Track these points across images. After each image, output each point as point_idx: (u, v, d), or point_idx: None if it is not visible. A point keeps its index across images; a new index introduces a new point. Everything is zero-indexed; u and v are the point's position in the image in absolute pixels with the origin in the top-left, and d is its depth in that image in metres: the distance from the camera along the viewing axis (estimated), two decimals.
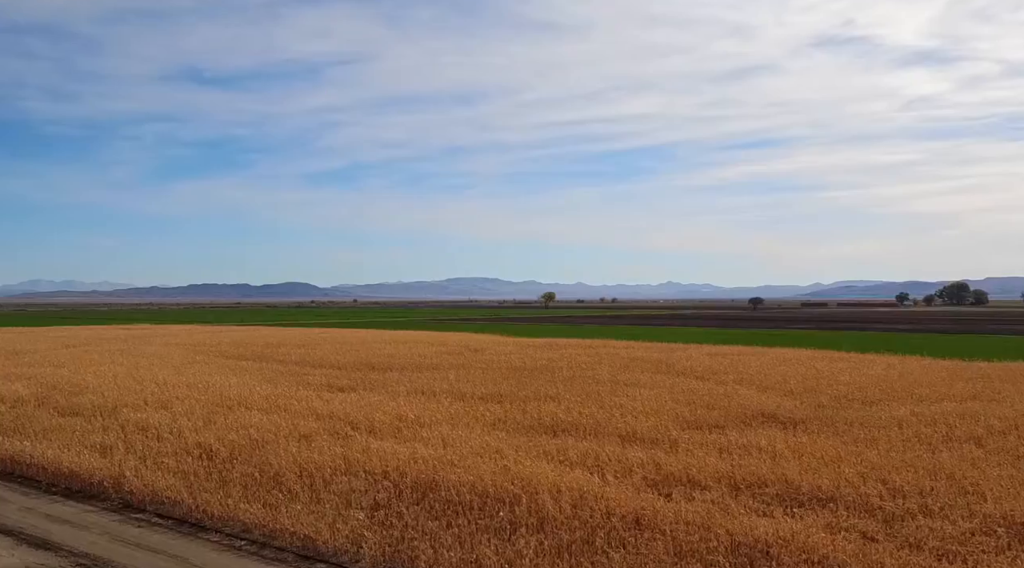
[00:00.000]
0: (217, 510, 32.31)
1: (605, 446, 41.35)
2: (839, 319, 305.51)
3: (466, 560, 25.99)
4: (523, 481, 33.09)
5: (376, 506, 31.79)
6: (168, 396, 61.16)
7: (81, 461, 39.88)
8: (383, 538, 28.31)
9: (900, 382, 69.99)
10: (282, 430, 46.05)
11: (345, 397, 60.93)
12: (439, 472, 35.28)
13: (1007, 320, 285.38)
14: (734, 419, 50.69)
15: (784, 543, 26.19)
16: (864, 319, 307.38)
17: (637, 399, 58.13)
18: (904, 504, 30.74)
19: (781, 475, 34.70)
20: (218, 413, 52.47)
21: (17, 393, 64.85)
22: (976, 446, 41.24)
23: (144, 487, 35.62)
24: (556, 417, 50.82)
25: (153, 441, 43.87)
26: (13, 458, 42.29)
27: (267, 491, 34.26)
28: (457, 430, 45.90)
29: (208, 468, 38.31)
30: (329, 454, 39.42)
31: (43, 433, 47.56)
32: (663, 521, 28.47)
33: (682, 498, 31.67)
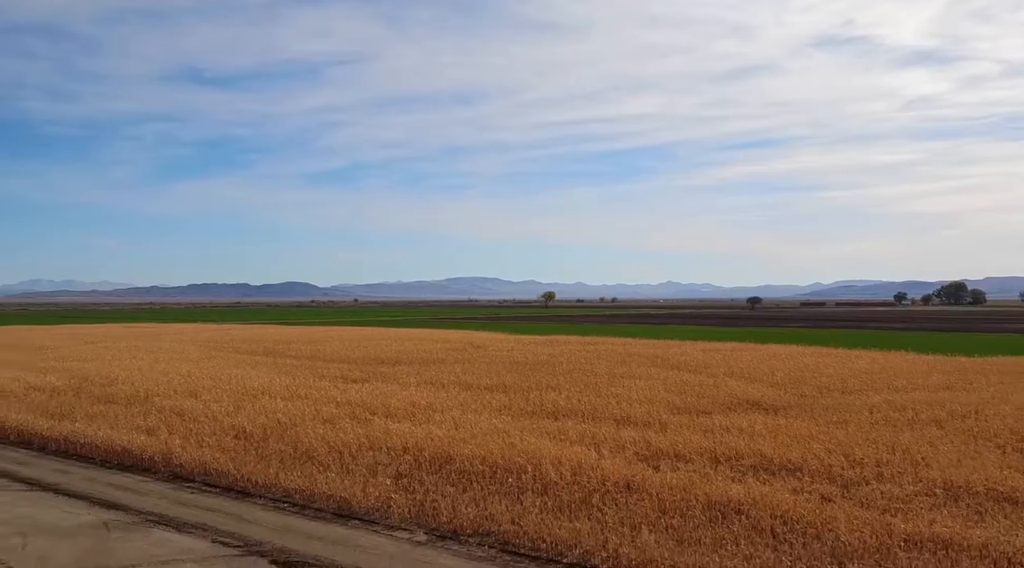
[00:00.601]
0: (260, 479, 36.77)
1: (601, 428, 45.81)
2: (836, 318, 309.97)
3: (481, 515, 30.43)
4: (528, 455, 37.55)
5: (399, 475, 36.25)
6: (195, 386, 65.59)
7: (131, 440, 44.36)
8: (408, 500, 32.78)
9: (880, 375, 74.36)
10: (307, 415, 50.52)
11: (360, 387, 65.37)
12: (453, 448, 39.74)
13: (1001, 319, 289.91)
14: (720, 406, 55.12)
15: (753, 502, 30.64)
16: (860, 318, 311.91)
17: (632, 389, 62.58)
18: (861, 472, 35.25)
19: (757, 450, 39.17)
20: (245, 400, 56.90)
21: (53, 384, 69.33)
22: (936, 427, 45.67)
23: (192, 461, 40.07)
24: (557, 404, 55.29)
25: (191, 424, 48.28)
26: (67, 438, 46.72)
27: (301, 464, 38.72)
28: (466, 415, 50.35)
29: (246, 446, 42.76)
30: (353, 434, 43.86)
31: (88, 417, 52.04)
32: (650, 486, 32.94)
33: (668, 469, 36.12)
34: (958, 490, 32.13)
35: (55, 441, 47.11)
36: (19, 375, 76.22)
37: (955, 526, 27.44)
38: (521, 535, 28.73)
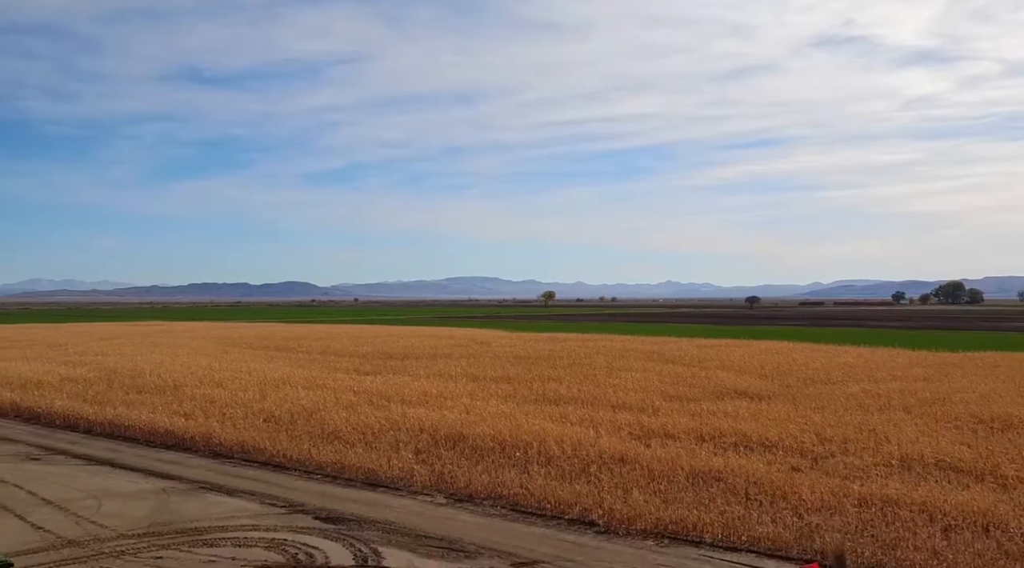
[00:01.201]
0: (294, 454, 41.24)
1: (599, 412, 50.27)
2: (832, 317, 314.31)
3: (493, 482, 34.89)
4: (533, 434, 42.04)
5: (418, 451, 40.71)
6: (219, 378, 70.03)
7: (172, 422, 48.83)
8: (428, 470, 37.25)
9: (864, 368, 78.79)
10: (328, 402, 54.95)
11: (373, 379, 69.84)
12: (465, 428, 44.21)
13: (995, 318, 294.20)
14: (710, 394, 59.53)
15: (731, 471, 35.08)
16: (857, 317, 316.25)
17: (628, 380, 67.05)
18: (829, 448, 39.73)
19: (738, 430, 43.62)
20: (269, 390, 61.35)
21: (84, 376, 73.79)
22: (904, 412, 50.14)
23: (230, 440, 44.53)
24: (558, 393, 59.77)
25: (223, 409, 52.71)
26: (111, 422, 51.17)
27: (329, 442, 43.16)
28: (475, 402, 54.79)
29: (276, 427, 47.21)
30: (373, 417, 48.30)
31: (127, 404, 56.48)
32: (642, 458, 37.41)
33: (658, 445, 40.56)
34: (911, 461, 36.61)
35: (100, 424, 51.53)
36: (50, 368, 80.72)
37: (903, 488, 31.88)
38: (528, 497, 33.17)
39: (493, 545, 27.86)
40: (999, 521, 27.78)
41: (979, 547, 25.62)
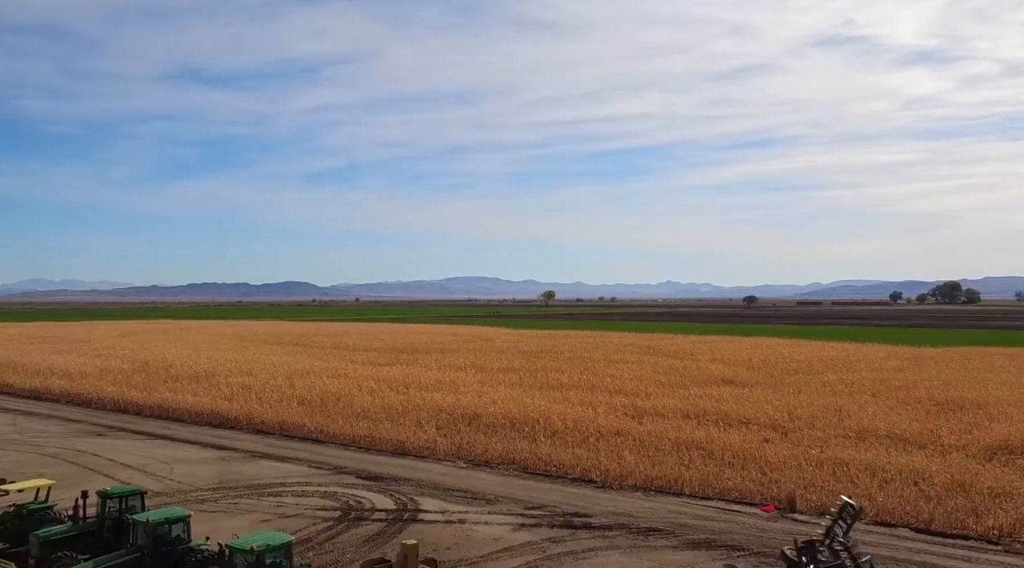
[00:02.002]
0: (330, 430, 47.03)
1: (597, 396, 56.02)
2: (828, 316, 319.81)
3: (506, 450, 40.69)
4: (539, 412, 47.84)
5: (439, 426, 46.47)
6: (247, 368, 75.78)
7: (216, 404, 54.61)
8: (449, 442, 43.03)
9: (844, 360, 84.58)
10: (352, 388, 60.69)
11: (389, 369, 75.54)
12: (479, 408, 49.99)
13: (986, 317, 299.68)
14: (699, 382, 65.20)
15: (710, 442, 40.88)
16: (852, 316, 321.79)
17: (625, 370, 72.85)
18: (797, 424, 45.53)
19: (721, 410, 49.40)
20: (296, 378, 67.00)
21: (120, 367, 79.52)
22: (871, 396, 55.87)
23: (271, 418, 50.32)
24: (560, 381, 65.54)
25: (258, 394, 58.45)
26: (159, 405, 56.91)
27: (359, 420, 48.88)
28: (485, 388, 60.57)
29: (310, 409, 52.94)
30: (395, 399, 54.09)
31: (170, 390, 62.23)
32: (634, 432, 43.21)
33: (649, 422, 46.36)
34: (866, 433, 42.42)
35: (149, 407, 57.24)
36: (86, 361, 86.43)
37: (854, 453, 37.68)
38: (536, 461, 38.97)
39: (509, 495, 33.63)
40: (927, 476, 33.57)
41: (906, 493, 31.43)
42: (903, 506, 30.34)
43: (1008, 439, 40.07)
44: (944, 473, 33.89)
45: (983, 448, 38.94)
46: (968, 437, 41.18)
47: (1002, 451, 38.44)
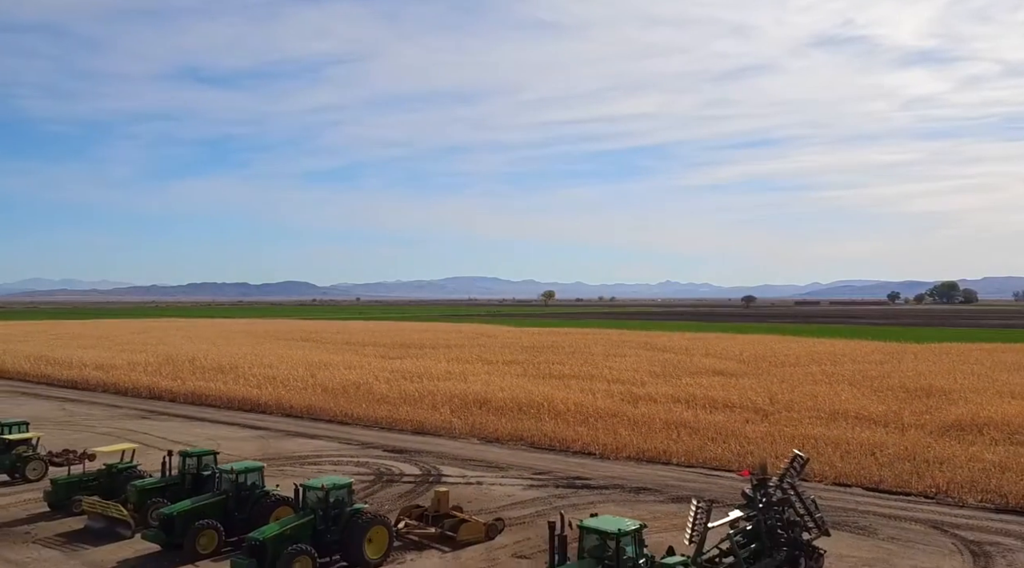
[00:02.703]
0: (354, 412, 51.95)
1: (596, 384, 60.94)
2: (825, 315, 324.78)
3: (514, 429, 45.64)
4: (543, 397, 52.78)
5: (453, 409, 51.37)
6: (267, 361, 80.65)
7: (246, 392, 59.54)
8: (463, 422, 47.96)
9: (830, 354, 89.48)
10: (369, 377, 65.60)
11: (400, 362, 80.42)
12: (488, 394, 54.93)
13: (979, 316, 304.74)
14: (690, 373, 70.09)
15: (697, 422, 45.81)
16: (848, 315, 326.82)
17: (622, 363, 77.79)
18: (777, 407, 50.43)
19: (709, 396, 54.32)
20: (315, 369, 71.91)
21: (146, 360, 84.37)
22: (847, 384, 60.77)
23: (299, 403, 55.22)
24: (562, 371, 70.50)
25: (283, 383, 63.35)
26: (192, 392, 61.81)
27: (380, 404, 53.79)
28: (492, 377, 65.50)
29: (333, 395, 57.83)
30: (410, 387, 59.01)
31: (199, 380, 67.07)
32: (629, 413, 48.15)
33: (642, 405, 51.29)
34: (837, 415, 47.38)
35: (182, 394, 62.11)
36: (112, 355, 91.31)
37: (823, 431, 42.60)
38: (542, 437, 43.91)
39: (519, 464, 38.57)
40: (883, 448, 38.52)
41: (862, 461, 36.39)
42: (858, 471, 35.29)
43: (961, 419, 45.00)
44: (898, 445, 38.85)
45: (938, 426, 43.88)
46: (927, 417, 46.12)
47: (954, 429, 43.35)
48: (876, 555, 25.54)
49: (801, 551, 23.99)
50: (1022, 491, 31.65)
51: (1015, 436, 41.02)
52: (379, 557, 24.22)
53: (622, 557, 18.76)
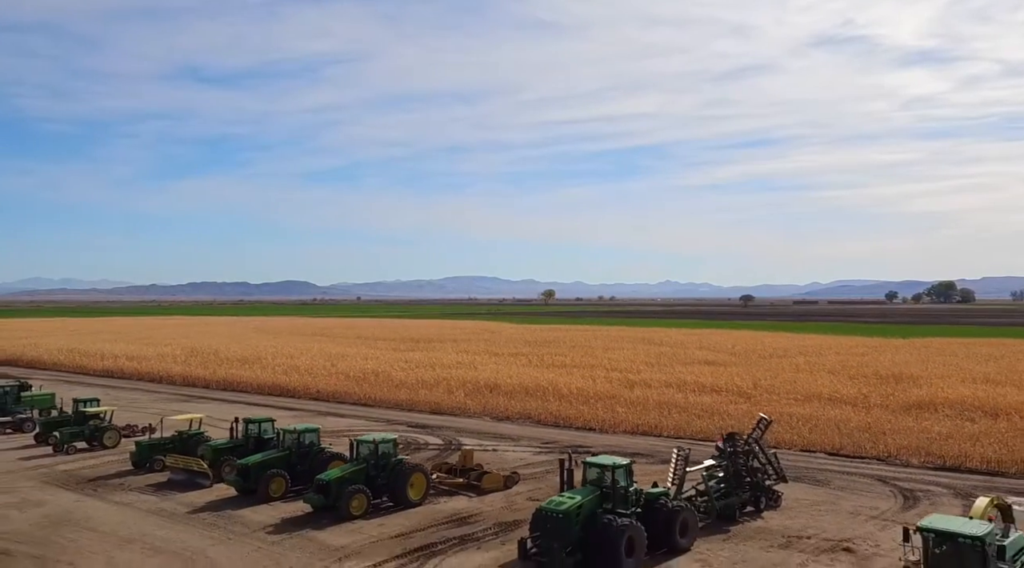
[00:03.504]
0: (376, 396, 57.41)
1: (596, 372, 66.39)
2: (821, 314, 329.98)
3: (523, 409, 51.10)
4: (548, 382, 58.27)
5: (466, 393, 56.82)
6: (288, 352, 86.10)
7: (276, 378, 65.02)
8: (476, 403, 53.42)
9: (816, 347, 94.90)
10: (385, 366, 71.03)
11: (412, 354, 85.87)
12: (498, 380, 60.41)
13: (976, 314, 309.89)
14: (683, 363, 75.55)
15: (687, 403, 51.25)
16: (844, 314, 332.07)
17: (620, 355, 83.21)
18: (759, 390, 55.87)
19: (698, 381, 59.77)
20: (335, 360, 77.36)
21: (173, 353, 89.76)
22: (827, 372, 66.16)
23: (325, 388, 60.67)
24: (564, 361, 75.96)
25: (308, 371, 68.73)
26: (224, 379, 67.27)
27: (399, 389, 59.23)
28: (500, 366, 70.98)
29: (356, 381, 63.25)
30: (426, 374, 64.47)
31: (229, 368, 72.45)
32: (625, 395, 53.62)
33: (638, 389, 56.71)
34: (812, 396, 52.83)
35: (215, 381, 67.52)
36: (138, 348, 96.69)
37: (798, 409, 48.00)
38: (547, 415, 49.37)
39: (528, 436, 44.03)
40: (848, 422, 43.94)
41: (827, 432, 41.84)
42: (823, 439, 40.74)
43: (921, 399, 50.44)
44: (861, 420, 44.30)
45: (900, 405, 49.31)
46: (891, 398, 51.56)
47: (914, 407, 48.75)
48: (826, 498, 30.97)
49: (762, 492, 29.41)
50: (957, 453, 37.13)
51: (964, 413, 46.44)
52: (419, 498, 29.63)
53: (616, 485, 24.07)
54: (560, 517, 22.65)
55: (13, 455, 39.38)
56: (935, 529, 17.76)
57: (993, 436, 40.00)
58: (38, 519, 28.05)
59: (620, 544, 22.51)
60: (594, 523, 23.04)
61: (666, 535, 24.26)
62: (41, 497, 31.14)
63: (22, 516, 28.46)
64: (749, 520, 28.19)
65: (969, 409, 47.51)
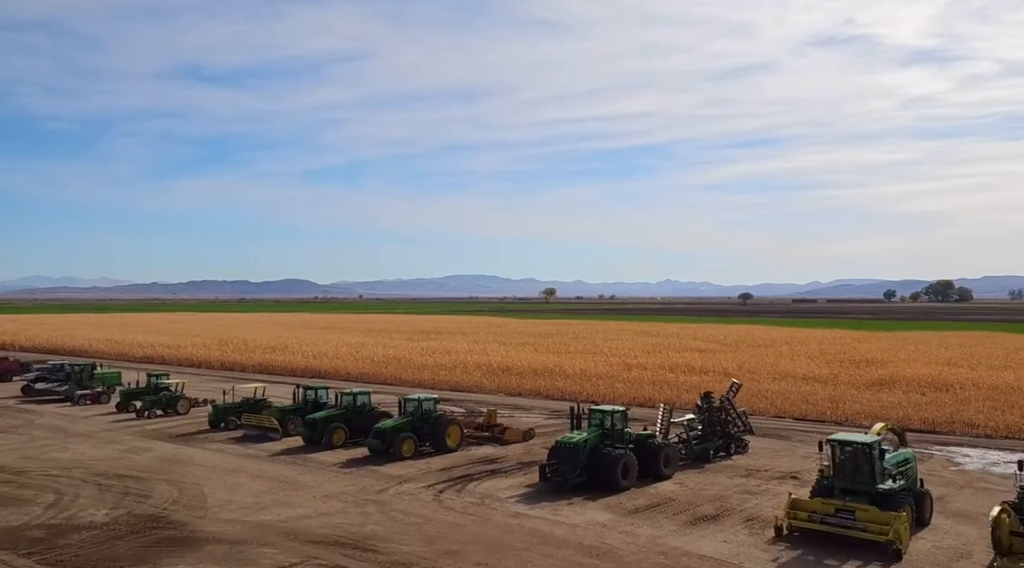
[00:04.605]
0: (401, 377, 64.42)
1: (597, 358, 73.35)
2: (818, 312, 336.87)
3: (534, 386, 58.11)
4: (554, 364, 65.30)
5: (482, 374, 63.71)
6: (312, 341, 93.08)
7: (308, 362, 72.07)
8: (491, 381, 60.44)
9: (802, 338, 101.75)
10: (405, 354, 77.95)
11: (426, 343, 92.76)
12: (509, 363, 67.42)
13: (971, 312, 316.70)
14: (677, 351, 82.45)
15: (677, 381, 58.19)
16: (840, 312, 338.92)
17: (619, 344, 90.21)
18: (743, 371, 62.72)
19: (688, 364, 66.75)
20: (357, 348, 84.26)
21: (204, 342, 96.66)
22: (806, 358, 73.11)
23: (354, 370, 67.71)
24: (567, 349, 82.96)
25: (335, 356, 75.62)
26: (260, 363, 74.24)
27: (420, 371, 66.12)
28: (509, 352, 77.95)
29: (380, 365, 70.16)
30: (443, 359, 71.44)
31: (263, 354, 79.31)
32: (624, 375, 60.61)
33: (635, 371, 63.62)
34: (788, 375, 59.80)
35: (252, 366, 74.45)
36: (169, 339, 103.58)
37: (774, 386, 54.92)
38: (555, 391, 56.35)
39: (539, 407, 51.00)
40: (815, 395, 50.86)
41: (797, 403, 48.79)
42: (792, 408, 47.66)
43: (883, 377, 57.35)
44: (827, 394, 51.20)
45: (864, 383, 56.20)
46: (858, 378, 58.45)
47: (876, 384, 55.64)
48: (785, 447, 37.89)
49: (731, 441, 36.35)
50: (902, 417, 43.92)
51: (918, 388, 53.32)
52: (455, 445, 36.55)
53: (614, 426, 30.92)
54: (572, 447, 29.60)
55: (103, 420, 46.31)
56: (839, 440, 24.70)
57: (936, 405, 46.95)
58: (153, 459, 34.95)
59: (617, 468, 29.41)
60: (597, 453, 29.96)
61: (653, 465, 31.14)
62: (146, 445, 38.06)
63: (139, 457, 35.37)
64: (721, 461, 35.10)
65: (923, 385, 54.42)
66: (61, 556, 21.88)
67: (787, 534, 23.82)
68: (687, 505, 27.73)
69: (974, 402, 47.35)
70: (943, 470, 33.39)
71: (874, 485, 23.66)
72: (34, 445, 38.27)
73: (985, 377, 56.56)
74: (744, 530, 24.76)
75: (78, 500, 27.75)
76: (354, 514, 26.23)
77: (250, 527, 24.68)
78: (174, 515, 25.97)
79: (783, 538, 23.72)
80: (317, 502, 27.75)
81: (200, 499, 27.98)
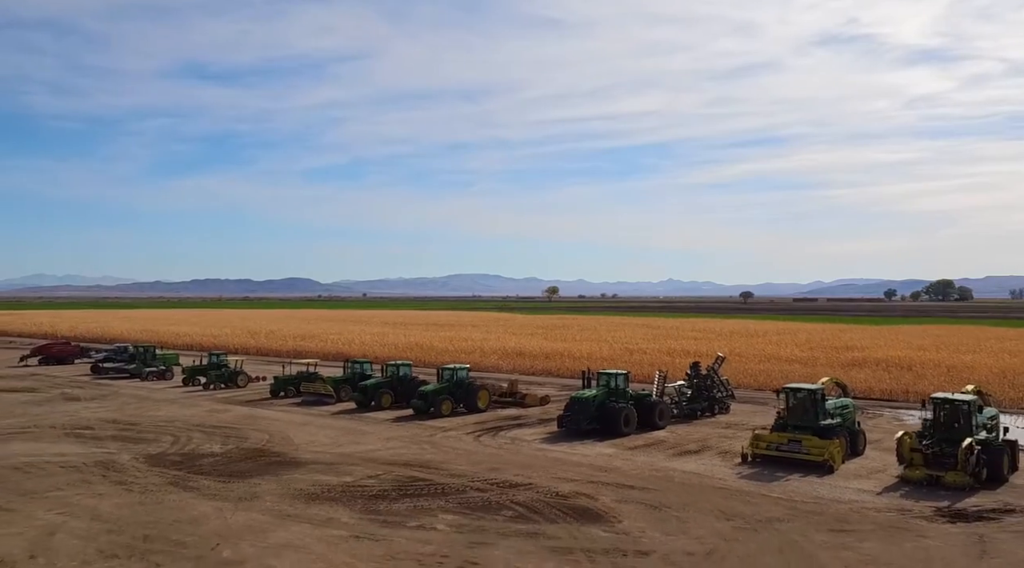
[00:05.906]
0: (426, 359, 71.44)
1: (601, 345, 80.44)
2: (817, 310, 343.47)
3: (546, 366, 65.35)
4: (564, 349, 72.51)
5: (499, 357, 70.83)
6: (336, 331, 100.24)
7: (339, 347, 79.27)
8: (508, 363, 67.58)
9: (793, 330, 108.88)
10: (426, 340, 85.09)
11: (442, 334, 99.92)
12: (522, 348, 74.60)
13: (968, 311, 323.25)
14: (675, 339, 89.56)
15: (674, 362, 65.17)
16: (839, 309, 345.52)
17: (622, 334, 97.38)
18: (734, 355, 69.75)
19: (685, 349, 73.81)
20: (382, 337, 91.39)
21: (232, 332, 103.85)
22: (793, 345, 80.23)
23: (383, 354, 74.50)
24: (574, 338, 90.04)
25: (372, 343, 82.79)
26: (295, 350, 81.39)
27: (442, 354, 73.21)
28: (520, 340, 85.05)
29: (405, 350, 77.20)
30: (462, 345, 78.55)
31: (296, 342, 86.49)
32: (626, 357, 67.66)
33: (636, 355, 70.70)
34: (773, 358, 67.02)
35: (286, 352, 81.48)
36: (199, 330, 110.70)
37: (759, 366, 61.99)
38: (565, 371, 63.54)
39: (552, 382, 58.19)
40: (794, 373, 57.91)
41: (777, 378, 55.76)
42: (772, 382, 54.59)
43: (857, 359, 64.46)
44: (804, 372, 58.21)
45: (839, 363, 63.24)
46: (835, 359, 65.51)
47: (849, 364, 62.69)
48: (761, 410, 44.96)
49: (716, 403, 43.49)
50: (865, 388, 51.00)
51: (886, 368, 60.35)
52: (484, 406, 43.73)
53: (617, 386, 38.07)
54: (584, 401, 36.80)
55: (175, 391, 53.48)
56: (791, 388, 31.92)
57: (897, 380, 54.03)
58: (235, 417, 42.08)
59: (620, 418, 36.57)
60: (604, 406, 37.12)
61: (649, 417, 38.29)
62: (224, 408, 45.24)
63: (223, 415, 42.52)
64: (706, 419, 42.22)
65: (891, 365, 61.49)
66: (202, 470, 29.02)
67: (751, 460, 30.93)
68: (676, 444, 34.88)
69: (930, 378, 54.42)
70: (887, 424, 40.49)
71: (817, 421, 30.86)
72: (130, 408, 45.46)
73: (946, 358, 63.68)
74: (718, 458, 31.90)
75: (192, 440, 34.90)
76: (413, 449, 33.36)
77: (335, 456, 31.81)
78: (273, 448, 33.12)
79: (748, 463, 30.83)
80: (382, 442, 34.90)
81: (288, 440, 35.12)
